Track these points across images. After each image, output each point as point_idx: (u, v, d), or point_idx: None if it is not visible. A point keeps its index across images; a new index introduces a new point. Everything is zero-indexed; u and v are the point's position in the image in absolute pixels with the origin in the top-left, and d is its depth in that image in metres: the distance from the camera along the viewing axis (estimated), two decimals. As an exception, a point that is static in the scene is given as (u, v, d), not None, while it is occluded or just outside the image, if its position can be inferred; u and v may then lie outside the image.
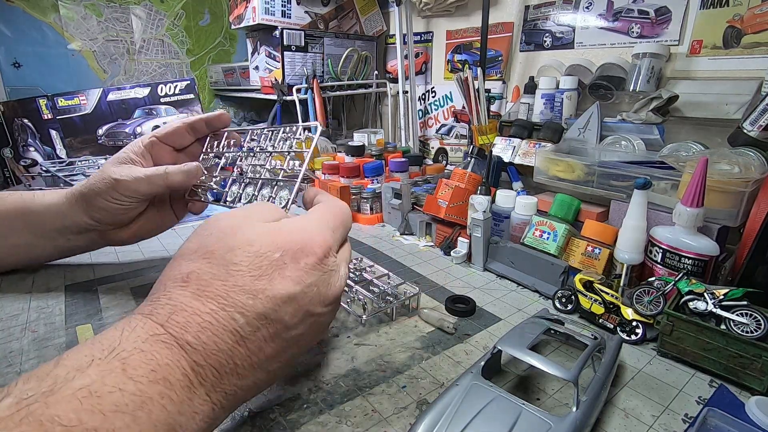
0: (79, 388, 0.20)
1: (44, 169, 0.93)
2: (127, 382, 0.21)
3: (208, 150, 0.58)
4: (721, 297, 0.41)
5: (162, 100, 1.16)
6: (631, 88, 0.74)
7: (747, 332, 0.38)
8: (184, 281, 0.28)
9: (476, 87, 0.88)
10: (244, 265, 0.28)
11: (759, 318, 0.38)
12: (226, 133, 0.57)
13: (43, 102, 1.03)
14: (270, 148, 0.51)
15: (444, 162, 1.19)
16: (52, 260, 0.59)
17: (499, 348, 0.36)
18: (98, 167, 0.85)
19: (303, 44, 1.14)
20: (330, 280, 0.32)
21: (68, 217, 0.52)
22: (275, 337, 0.28)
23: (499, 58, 1.05)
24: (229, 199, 0.52)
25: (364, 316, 0.47)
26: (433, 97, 1.26)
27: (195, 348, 0.25)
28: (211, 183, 0.54)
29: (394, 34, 1.17)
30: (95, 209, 0.50)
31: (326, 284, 0.31)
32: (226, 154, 0.56)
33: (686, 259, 0.48)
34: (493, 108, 1.05)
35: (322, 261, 0.31)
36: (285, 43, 1.10)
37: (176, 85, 1.17)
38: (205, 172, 0.54)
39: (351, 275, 0.54)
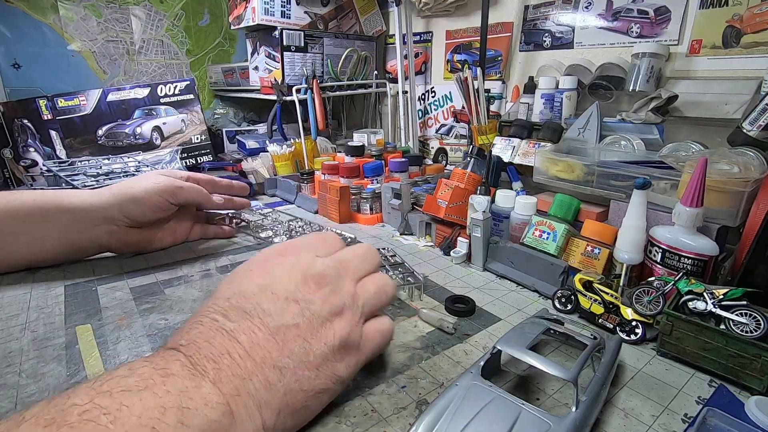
0: (93, 383, 0.24)
1: (46, 168, 0.93)
2: (131, 374, 0.25)
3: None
4: (721, 297, 0.41)
5: (162, 100, 1.16)
6: (631, 87, 0.74)
7: (746, 332, 0.38)
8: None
9: (476, 87, 0.88)
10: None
11: (758, 318, 0.38)
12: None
13: (42, 102, 1.03)
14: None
15: (444, 162, 1.19)
16: (74, 258, 0.62)
17: (499, 348, 0.36)
18: (99, 168, 0.86)
19: (302, 44, 1.14)
20: (314, 263, 0.35)
21: (104, 211, 0.58)
22: (262, 328, 0.30)
23: (499, 58, 1.05)
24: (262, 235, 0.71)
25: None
26: (433, 97, 1.26)
27: (187, 345, 0.28)
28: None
29: (394, 34, 1.17)
30: (134, 204, 0.59)
31: (310, 265, 0.34)
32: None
33: (686, 259, 0.48)
34: (492, 108, 1.05)
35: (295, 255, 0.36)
36: (284, 44, 1.10)
37: (176, 86, 1.17)
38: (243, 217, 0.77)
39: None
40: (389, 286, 0.38)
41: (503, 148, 0.82)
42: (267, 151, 1.08)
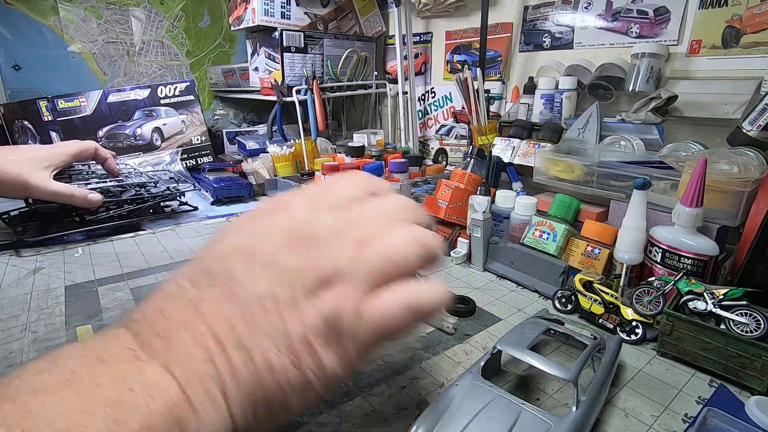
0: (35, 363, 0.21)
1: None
2: (50, 367, 0.21)
3: None
4: (721, 297, 0.41)
5: (162, 101, 1.16)
6: (631, 88, 0.74)
7: (747, 332, 0.38)
8: None
9: (476, 87, 0.89)
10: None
11: (759, 318, 0.38)
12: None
13: (43, 104, 1.03)
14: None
15: (444, 162, 1.19)
16: None
17: (499, 348, 0.36)
18: (95, 171, 0.85)
19: (302, 45, 1.14)
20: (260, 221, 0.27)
21: None
22: (229, 297, 0.24)
23: (499, 59, 1.05)
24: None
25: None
26: (433, 97, 1.26)
27: (138, 321, 0.23)
28: None
29: (394, 35, 1.17)
30: None
31: (305, 221, 0.26)
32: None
33: (686, 259, 0.48)
34: (492, 108, 1.05)
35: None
36: (284, 45, 1.10)
37: (176, 87, 1.18)
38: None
39: None
40: (425, 239, 0.26)
41: (503, 149, 0.82)
42: (267, 152, 1.08)
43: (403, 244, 0.26)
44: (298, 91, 1.10)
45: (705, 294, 0.42)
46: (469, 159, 0.74)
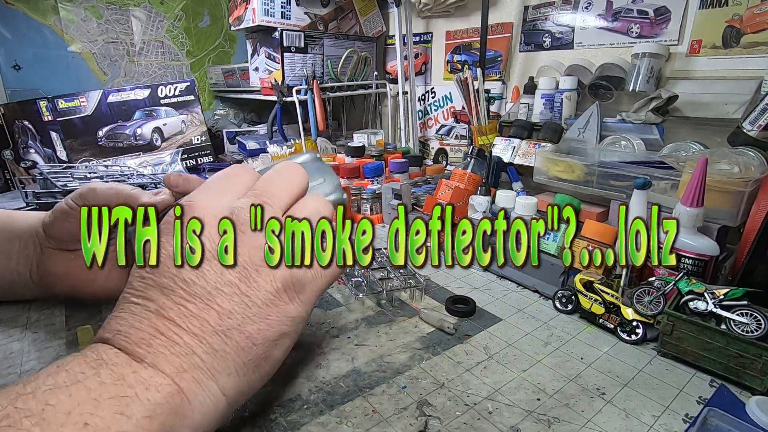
0: (17, 385, 0.22)
1: (38, 171, 0.92)
2: (59, 371, 0.23)
3: None
4: (722, 297, 0.41)
5: (162, 101, 1.16)
6: (631, 88, 0.74)
7: (747, 332, 0.38)
8: None
9: (476, 87, 0.89)
10: None
11: (759, 318, 0.38)
12: None
13: (43, 104, 1.03)
14: None
15: (444, 162, 1.19)
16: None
17: None
18: (96, 172, 0.85)
19: (303, 45, 1.14)
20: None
21: (24, 227, 0.45)
22: (191, 298, 0.27)
23: (499, 59, 1.05)
24: None
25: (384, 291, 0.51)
26: (433, 97, 1.26)
27: (113, 337, 0.26)
28: None
29: (394, 35, 1.17)
30: (59, 226, 0.43)
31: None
32: None
33: (686, 259, 0.48)
34: (492, 108, 1.05)
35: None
36: (285, 45, 1.10)
37: (176, 87, 1.18)
38: None
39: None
40: (323, 206, 0.34)
41: (503, 149, 0.82)
42: (267, 152, 1.08)
43: (315, 211, 0.33)
44: (298, 91, 1.10)
45: (705, 294, 0.42)
46: (469, 159, 0.74)
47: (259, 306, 0.28)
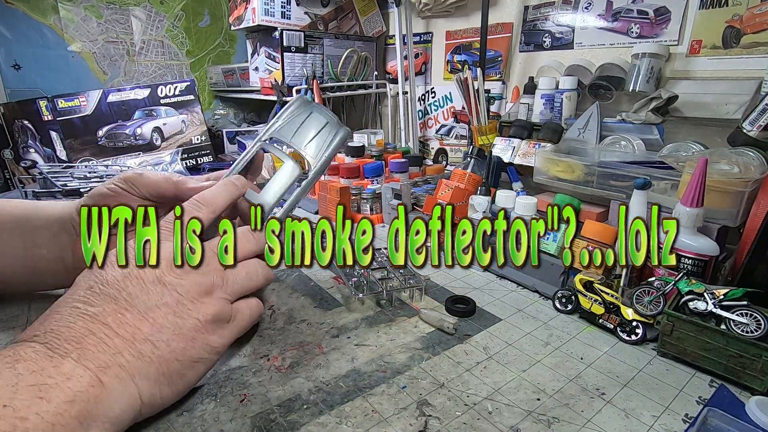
0: None
1: (38, 171, 0.92)
2: None
3: None
4: (721, 297, 0.41)
5: (162, 101, 1.16)
6: (631, 88, 0.74)
7: (747, 332, 0.38)
8: None
9: (476, 87, 0.89)
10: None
11: (759, 318, 0.38)
12: None
13: (43, 103, 1.03)
14: None
15: (444, 162, 1.19)
16: (37, 283, 0.48)
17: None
18: (96, 172, 0.85)
19: (303, 45, 1.14)
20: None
21: (61, 214, 0.45)
22: (130, 309, 0.31)
23: (499, 59, 1.05)
24: None
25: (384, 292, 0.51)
26: (433, 97, 1.26)
27: (43, 335, 0.28)
28: None
29: (394, 35, 1.17)
30: (89, 199, 0.44)
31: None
32: None
33: (686, 259, 0.48)
34: (492, 108, 1.05)
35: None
36: (285, 44, 1.11)
37: (176, 87, 1.18)
38: None
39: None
40: (261, 271, 0.39)
41: (503, 149, 0.82)
42: (267, 152, 1.08)
43: (254, 271, 0.39)
44: (298, 91, 1.10)
45: (705, 294, 0.42)
46: (469, 159, 0.74)
47: (188, 329, 0.33)
